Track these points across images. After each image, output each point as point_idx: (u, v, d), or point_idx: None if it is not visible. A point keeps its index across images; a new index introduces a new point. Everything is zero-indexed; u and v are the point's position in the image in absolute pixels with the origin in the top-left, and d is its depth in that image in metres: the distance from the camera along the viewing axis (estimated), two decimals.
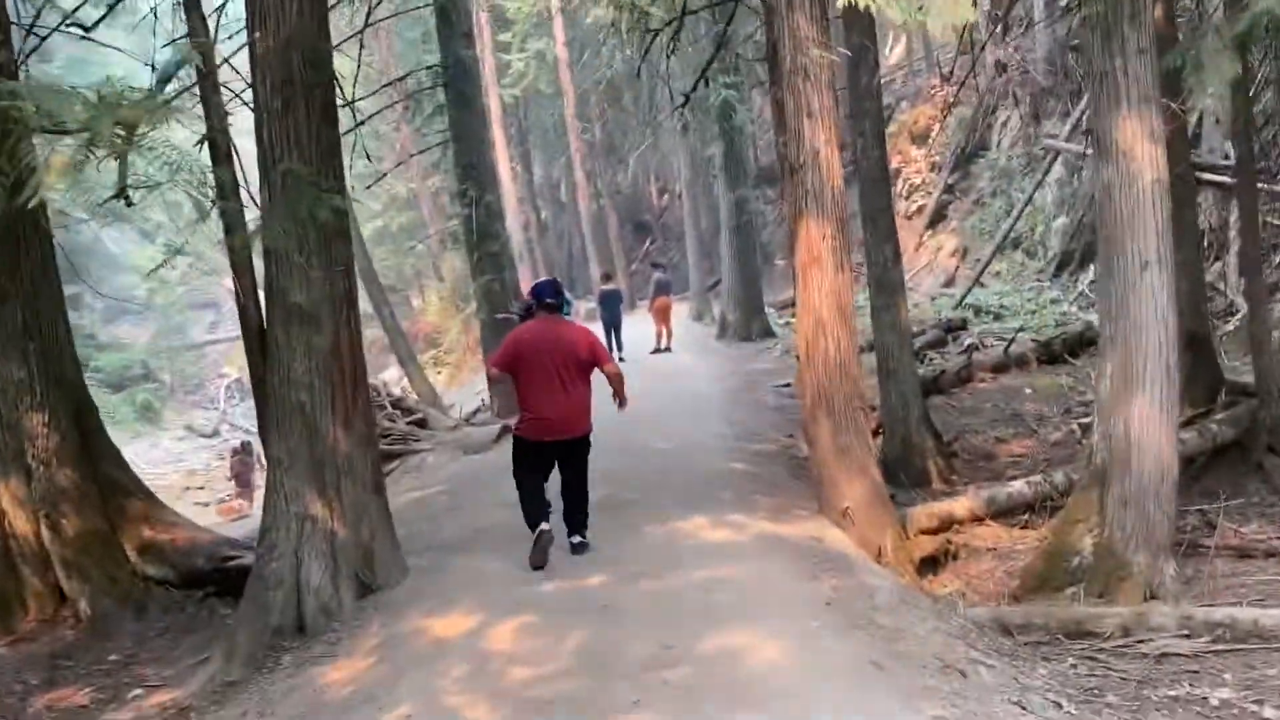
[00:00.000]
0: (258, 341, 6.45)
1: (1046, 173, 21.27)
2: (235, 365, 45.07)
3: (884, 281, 10.27)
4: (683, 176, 26.20)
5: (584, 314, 25.49)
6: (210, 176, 6.32)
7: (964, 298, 20.06)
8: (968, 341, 16.14)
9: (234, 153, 6.40)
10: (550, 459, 6.85)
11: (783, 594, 5.67)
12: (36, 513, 6.81)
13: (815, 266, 6.82)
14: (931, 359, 15.15)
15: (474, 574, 6.55)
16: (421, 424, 14.51)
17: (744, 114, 19.72)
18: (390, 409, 14.51)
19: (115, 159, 4.35)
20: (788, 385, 13.95)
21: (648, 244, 38.68)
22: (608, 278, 19.10)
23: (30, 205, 3.94)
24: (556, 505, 6.96)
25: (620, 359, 17.42)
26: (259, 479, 21.58)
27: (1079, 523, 6.96)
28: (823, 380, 6.92)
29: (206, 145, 6.39)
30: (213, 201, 6.33)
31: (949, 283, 24.92)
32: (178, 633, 6.93)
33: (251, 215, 6.49)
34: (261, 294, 6.49)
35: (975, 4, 6.29)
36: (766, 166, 35.89)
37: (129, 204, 4.79)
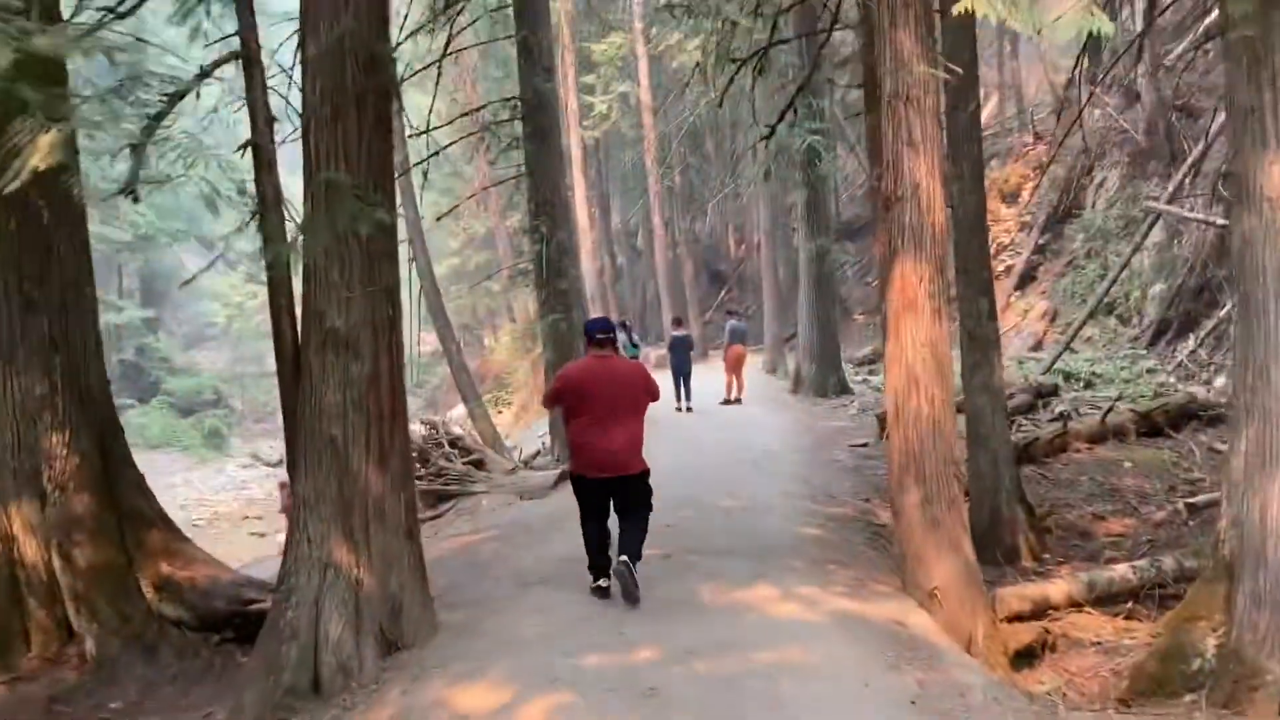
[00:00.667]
0: (291, 367, 5.90)
1: (1145, 236, 20.21)
2: None
3: (978, 337, 9.46)
4: (762, 225, 25.56)
5: (654, 361, 24.88)
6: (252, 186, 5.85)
7: (1054, 362, 19.05)
8: (1059, 408, 15.15)
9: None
10: (607, 497, 6.64)
11: (860, 687, 4.89)
12: (48, 540, 6.28)
13: (910, 314, 6.08)
14: (1021, 424, 14.19)
15: (510, 638, 5.87)
16: (479, 465, 13.94)
17: (829, 162, 19.04)
18: (448, 448, 13.98)
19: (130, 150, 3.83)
20: (865, 445, 13.13)
21: (723, 293, 38.06)
22: (679, 322, 18.43)
23: (6, 190, 3.40)
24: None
25: (688, 408, 16.75)
26: None
27: (1200, 620, 6.07)
28: (913, 442, 6.15)
29: (250, 152, 5.91)
30: (252, 213, 5.83)
31: (1037, 346, 23.97)
32: (188, 680, 6.34)
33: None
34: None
35: (1111, 17, 5.58)
36: (848, 220, 35.18)
37: (136, 200, 4.30)
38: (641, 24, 27.50)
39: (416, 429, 15.50)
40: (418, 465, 14.17)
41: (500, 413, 25.61)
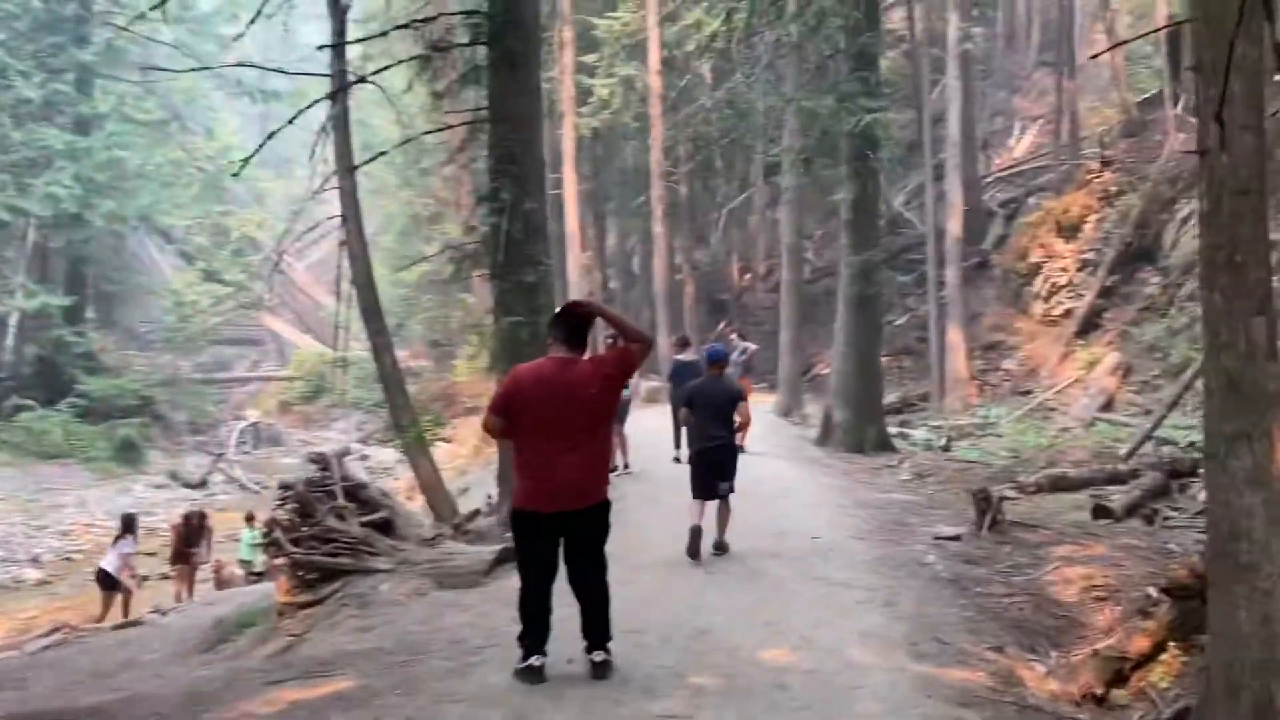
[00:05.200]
0: None
1: None
2: (261, 408, 40.79)
3: (1243, 387, 5.11)
4: (784, 239, 21.27)
5: (645, 395, 20.54)
6: None
7: (1155, 428, 14.79)
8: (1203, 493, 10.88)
9: None
10: (556, 539, 5.32)
11: None
12: None
13: None
14: (1167, 516, 9.91)
15: None
16: (385, 528, 9.51)
17: (888, 150, 14.78)
18: (341, 500, 9.55)
19: None
20: (957, 538, 8.77)
21: (721, 325, 33.98)
22: (684, 344, 13.95)
23: None
24: None
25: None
26: (204, 554, 16.59)
27: None
28: None
29: None
30: None
31: (1107, 405, 20.05)
32: None
33: None
34: None
35: None
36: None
37: None
38: None
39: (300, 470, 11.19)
40: (297, 520, 9.80)
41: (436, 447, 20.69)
